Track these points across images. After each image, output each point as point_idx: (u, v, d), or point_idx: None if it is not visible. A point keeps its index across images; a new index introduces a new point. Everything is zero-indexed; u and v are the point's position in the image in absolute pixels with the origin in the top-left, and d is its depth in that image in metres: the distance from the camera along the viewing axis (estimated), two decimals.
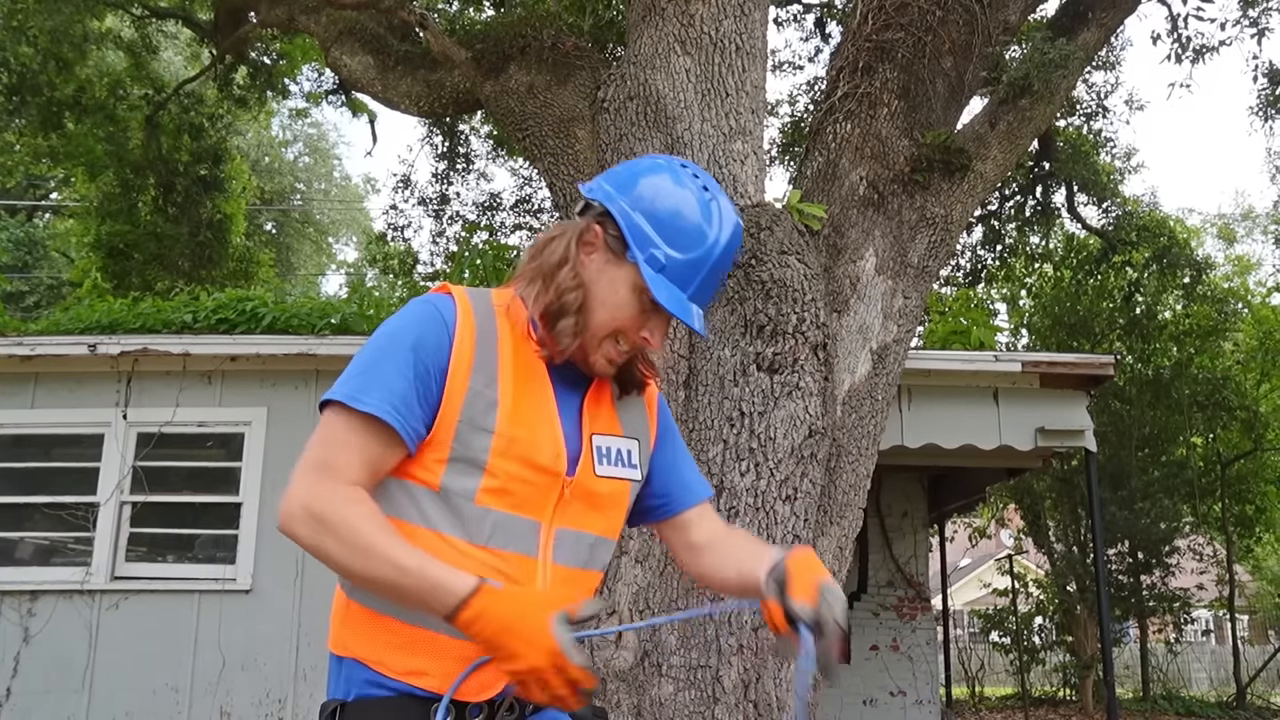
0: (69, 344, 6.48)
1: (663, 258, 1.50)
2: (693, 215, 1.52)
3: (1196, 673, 17.75)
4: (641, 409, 1.71)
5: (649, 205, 1.52)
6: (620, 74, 5.20)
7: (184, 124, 12.16)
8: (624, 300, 1.53)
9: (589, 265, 1.54)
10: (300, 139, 28.19)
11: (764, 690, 3.99)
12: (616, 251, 1.52)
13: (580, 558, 1.57)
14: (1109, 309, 14.61)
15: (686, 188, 1.54)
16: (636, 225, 1.51)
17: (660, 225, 1.51)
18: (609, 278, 1.53)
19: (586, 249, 1.54)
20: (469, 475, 1.46)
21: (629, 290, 1.52)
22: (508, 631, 1.30)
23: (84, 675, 6.14)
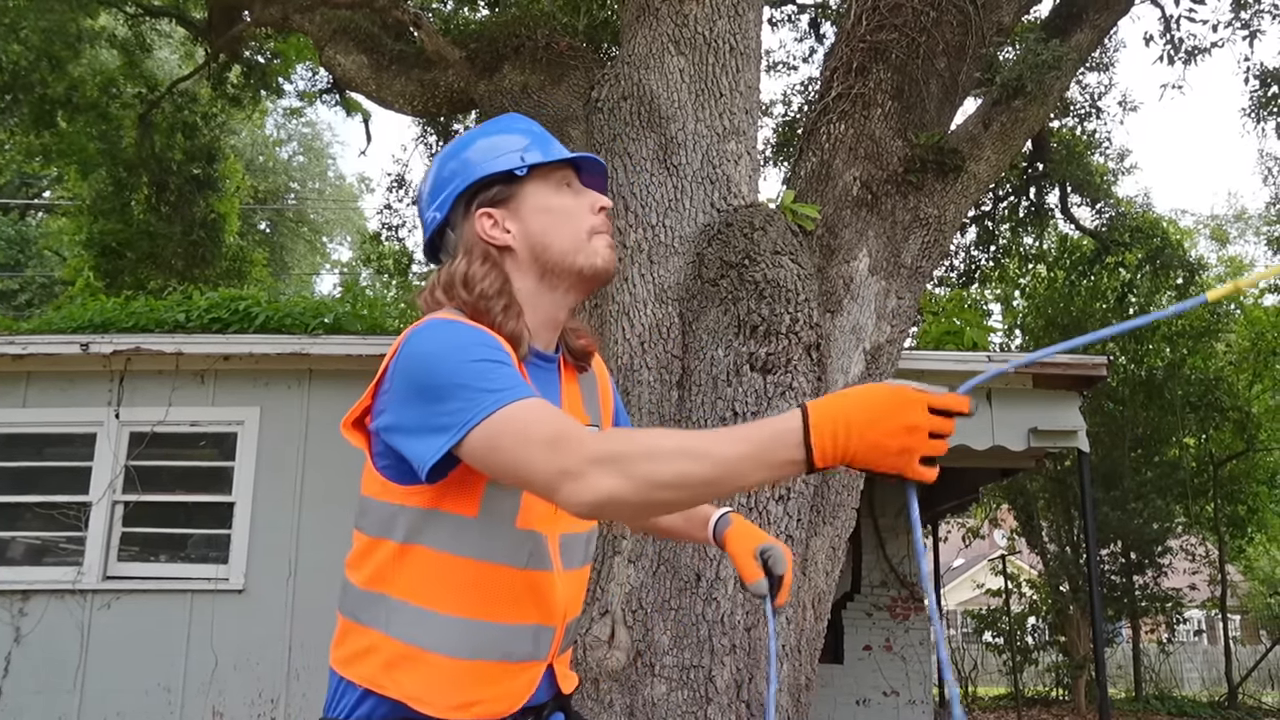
0: (61, 343, 6.47)
1: (519, 157, 1.56)
2: (494, 128, 1.63)
3: (1189, 673, 17.79)
4: (595, 392, 1.72)
5: (478, 152, 1.59)
6: (614, 74, 5.20)
7: (177, 123, 12.12)
8: (555, 202, 1.57)
9: (514, 229, 1.56)
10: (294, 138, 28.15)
11: (756, 690, 4.00)
12: (508, 196, 1.56)
13: (581, 556, 1.59)
14: (1102, 310, 14.64)
15: (475, 130, 1.65)
16: (489, 164, 1.56)
17: (495, 149, 1.58)
18: (530, 210, 1.56)
19: (491, 226, 1.56)
20: (508, 499, 1.44)
21: (548, 195, 1.58)
22: (867, 407, 1.17)
23: (76, 675, 6.13)
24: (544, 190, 1.57)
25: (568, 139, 5.66)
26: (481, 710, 1.43)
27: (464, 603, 1.43)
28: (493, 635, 1.44)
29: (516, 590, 1.44)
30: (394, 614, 1.43)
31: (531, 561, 1.46)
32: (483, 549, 1.43)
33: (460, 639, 1.42)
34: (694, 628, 4.00)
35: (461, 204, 1.57)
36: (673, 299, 4.62)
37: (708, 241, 4.65)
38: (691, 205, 4.79)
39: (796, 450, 1.18)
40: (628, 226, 4.78)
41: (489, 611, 1.44)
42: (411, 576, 1.43)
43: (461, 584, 1.43)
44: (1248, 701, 14.91)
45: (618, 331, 4.61)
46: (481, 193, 1.56)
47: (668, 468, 1.21)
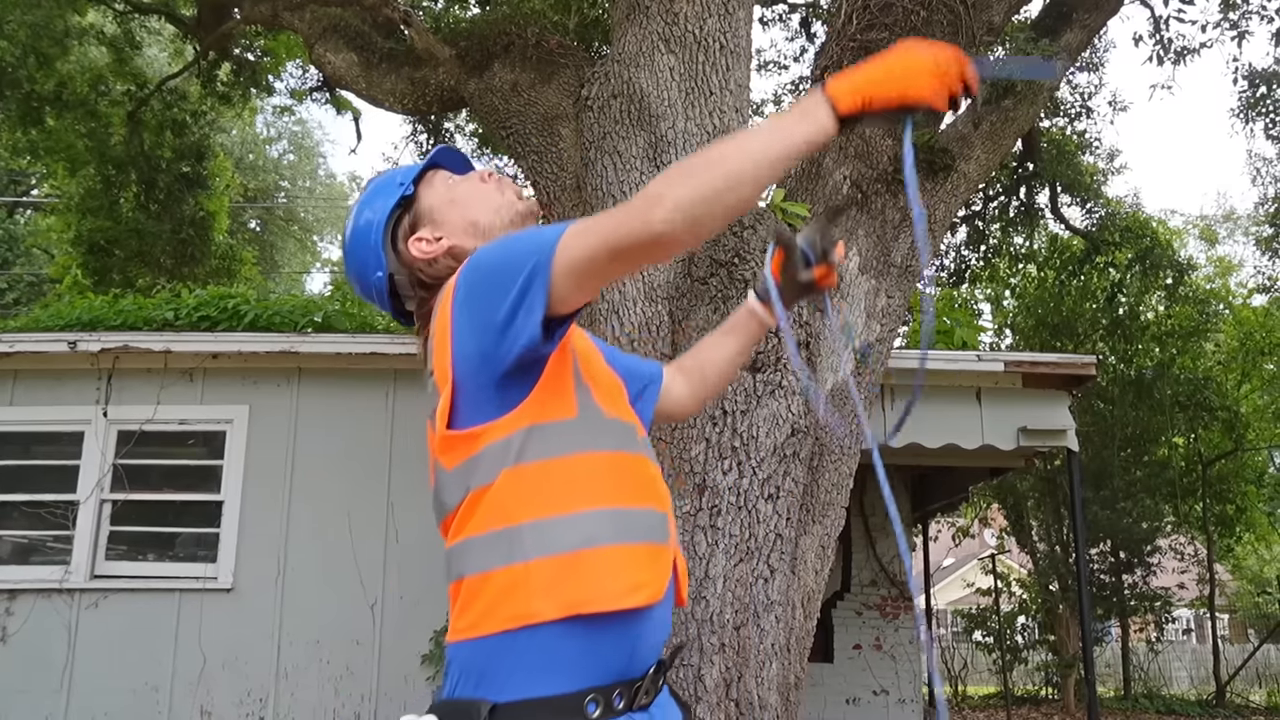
0: (49, 341, 6.44)
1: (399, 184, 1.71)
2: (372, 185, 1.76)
3: (1177, 671, 17.87)
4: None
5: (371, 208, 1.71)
6: (604, 72, 5.19)
7: (167, 120, 12.07)
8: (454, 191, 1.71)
9: (443, 231, 1.67)
10: (284, 136, 28.07)
11: (745, 689, 3.99)
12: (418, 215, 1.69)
13: (650, 449, 1.61)
14: (1092, 310, 14.70)
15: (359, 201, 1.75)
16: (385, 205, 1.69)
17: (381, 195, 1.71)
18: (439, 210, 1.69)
19: (424, 242, 1.66)
20: (588, 393, 1.50)
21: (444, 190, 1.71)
22: (891, 53, 1.35)
23: (63, 675, 6.10)
24: (439, 190, 1.70)
25: (558, 138, 5.65)
26: (648, 592, 1.41)
27: (596, 493, 1.43)
28: (633, 518, 1.45)
29: (634, 472, 1.49)
30: (530, 537, 1.38)
31: (632, 447, 1.52)
32: (593, 441, 1.46)
33: (608, 527, 1.41)
34: (683, 627, 3.99)
35: (388, 251, 1.68)
36: (662, 297, 4.62)
37: None
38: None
39: (821, 105, 1.33)
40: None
41: (620, 496, 1.45)
42: (536, 493, 1.40)
43: (587, 477, 1.44)
44: (1235, 700, 14.98)
45: (607, 329, 4.60)
46: (397, 230, 1.68)
47: (723, 155, 1.30)
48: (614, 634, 1.39)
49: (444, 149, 1.78)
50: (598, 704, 1.36)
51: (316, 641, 6.16)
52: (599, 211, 1.37)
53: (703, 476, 4.18)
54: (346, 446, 6.47)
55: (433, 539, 5.77)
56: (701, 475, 4.18)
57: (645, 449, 1.56)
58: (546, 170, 5.60)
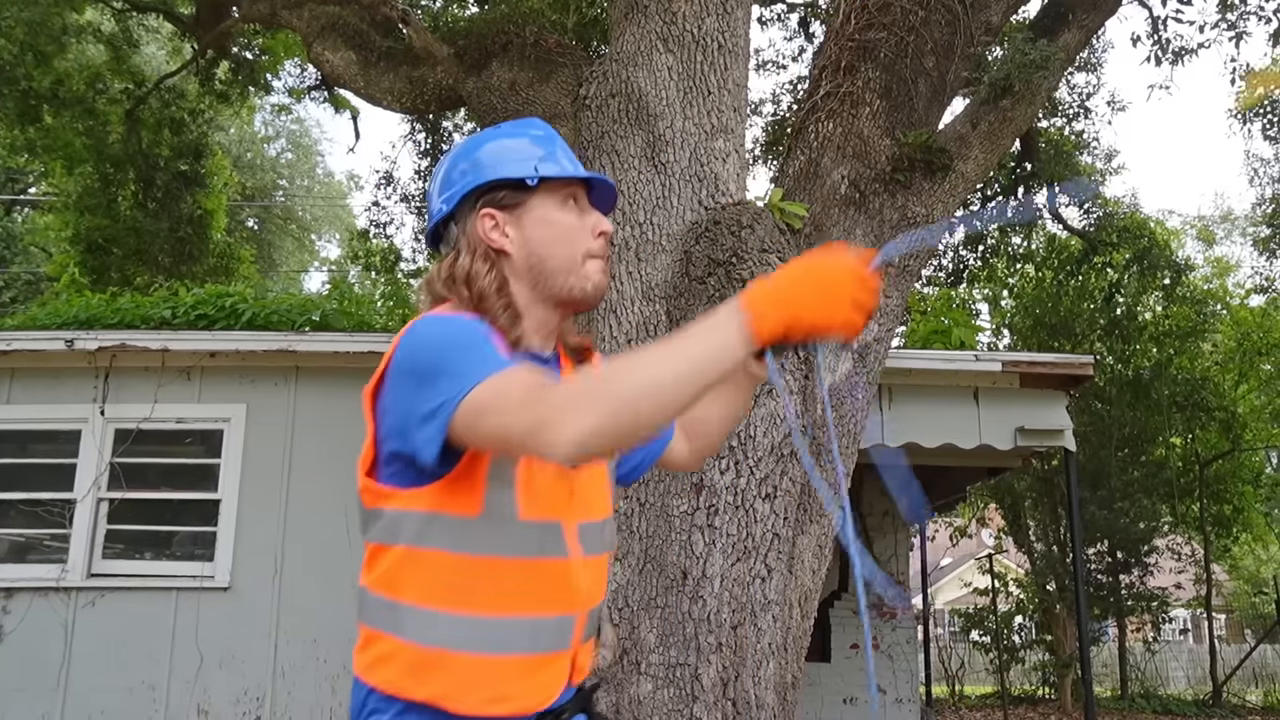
0: (46, 339, 6.43)
1: (534, 166, 1.57)
2: (514, 130, 1.64)
3: (1174, 671, 17.87)
4: None
5: (493, 153, 1.60)
6: (602, 71, 5.19)
7: (164, 119, 12.07)
8: (558, 218, 1.58)
9: (513, 235, 1.56)
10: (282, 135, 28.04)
11: (742, 688, 4.00)
12: (514, 202, 1.57)
13: (601, 543, 1.59)
14: (1089, 310, 14.70)
15: (493, 130, 1.66)
16: (502, 167, 1.57)
17: (509, 154, 1.59)
18: (532, 220, 1.57)
19: (492, 228, 1.56)
20: (506, 489, 1.44)
21: (553, 210, 1.58)
22: (805, 274, 1.28)
23: (59, 673, 6.10)
24: (549, 203, 1.58)
25: None
26: (514, 705, 1.42)
27: (480, 600, 1.42)
28: (514, 629, 1.43)
29: (531, 582, 1.44)
30: (410, 619, 1.42)
31: (545, 551, 1.46)
32: (491, 545, 1.42)
33: (482, 636, 1.41)
34: (680, 626, 3.99)
35: (469, 201, 1.58)
36: (660, 297, 4.62)
37: (695, 239, 4.65)
38: (679, 203, 4.78)
39: (739, 332, 1.24)
40: (615, 224, 4.78)
41: (507, 606, 1.43)
42: (423, 580, 1.42)
43: (475, 582, 1.42)
44: (1232, 700, 15.00)
45: (605, 329, 4.60)
46: (489, 193, 1.57)
47: (630, 382, 1.22)
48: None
49: (607, 183, 1.65)
50: None
51: (314, 640, 6.16)
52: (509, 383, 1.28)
53: (700, 476, 4.18)
54: (344, 445, 6.44)
55: None
56: (699, 475, 4.18)
57: (562, 549, 1.48)
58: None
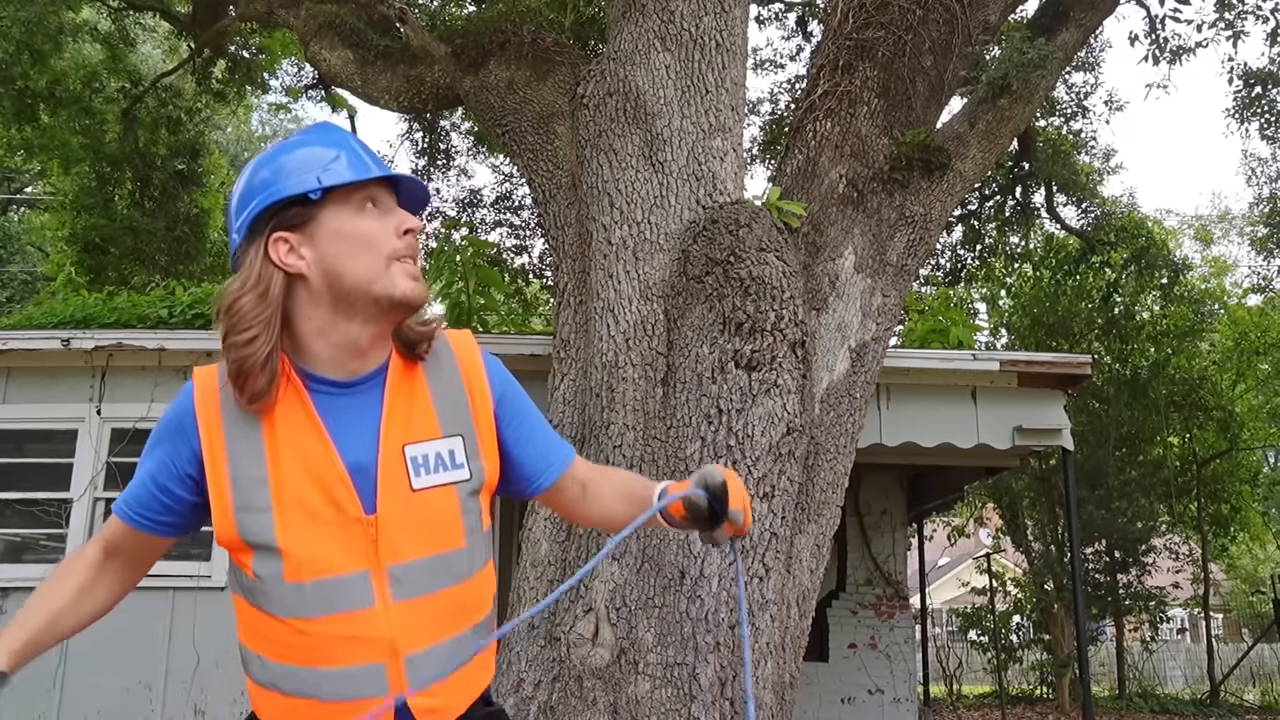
0: (42, 338, 6.41)
1: (316, 178, 1.44)
2: (299, 141, 1.51)
3: (1171, 670, 17.88)
4: (461, 394, 1.58)
5: (281, 167, 1.47)
6: (600, 70, 5.18)
7: (161, 117, 12.05)
8: (353, 226, 1.45)
9: (308, 255, 1.44)
10: (280, 134, 28.01)
11: (740, 688, 3.99)
12: (305, 219, 1.44)
13: (429, 583, 1.48)
14: (1087, 309, 14.71)
15: (286, 141, 1.54)
16: (284, 185, 1.44)
17: (296, 166, 1.46)
18: (325, 235, 1.44)
19: (287, 252, 1.44)
20: (270, 558, 1.42)
21: (347, 218, 1.45)
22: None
23: (55, 673, 6.08)
24: (343, 213, 1.45)
25: (553, 135, 5.64)
26: None
27: (272, 648, 1.46)
28: (306, 678, 1.44)
29: (312, 639, 1.42)
30: (243, 654, 1.51)
31: (329, 607, 1.42)
32: (270, 603, 1.44)
33: (280, 679, 1.46)
34: (678, 625, 3.99)
35: (260, 225, 1.45)
36: (658, 296, 4.61)
37: (693, 238, 4.64)
38: (677, 202, 4.77)
39: None
40: (613, 223, 4.77)
41: (296, 657, 1.44)
42: (241, 623, 1.51)
43: (266, 632, 1.46)
44: (1230, 699, 15.00)
45: (602, 328, 4.59)
46: (279, 214, 1.44)
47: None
48: None
49: (407, 178, 1.54)
50: None
51: None
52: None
53: None
54: None
55: None
56: None
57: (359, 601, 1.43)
58: (542, 168, 5.60)
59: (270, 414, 1.45)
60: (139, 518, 1.53)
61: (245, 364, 1.42)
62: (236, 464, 1.44)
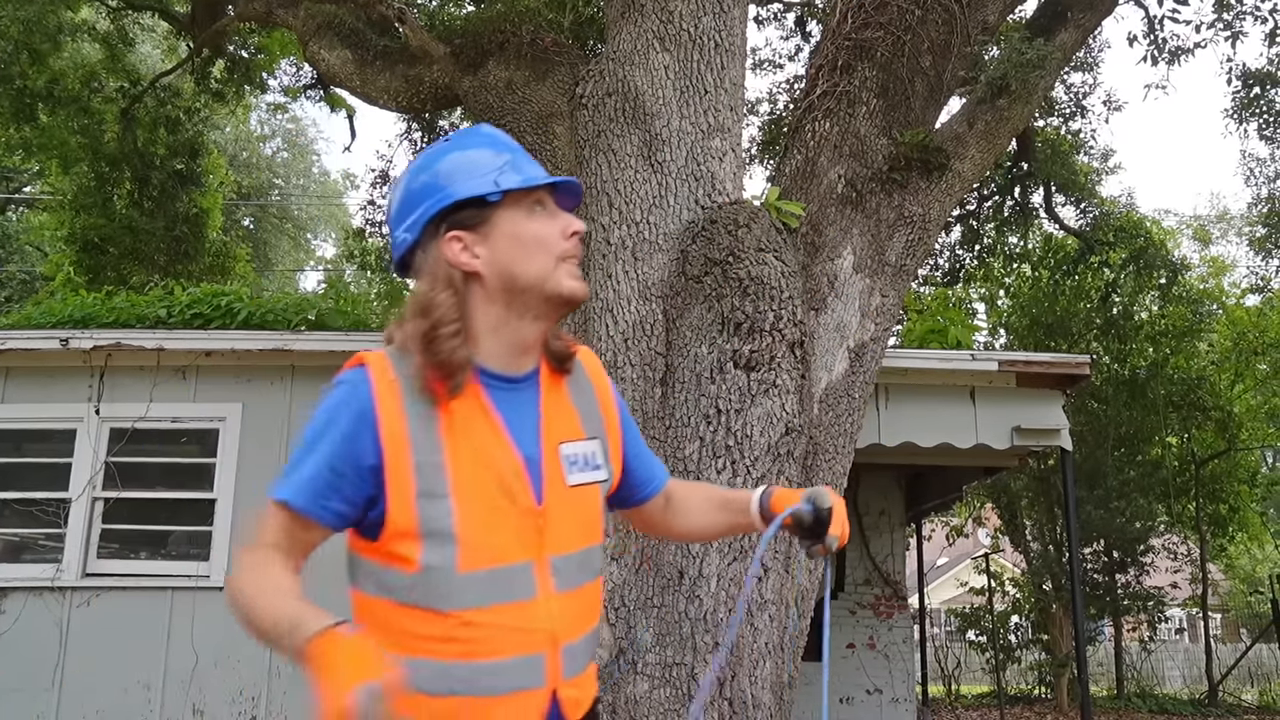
0: (41, 338, 6.41)
1: (494, 181, 1.52)
2: (467, 142, 1.60)
3: (1170, 670, 17.90)
4: (594, 403, 1.69)
5: (451, 169, 1.55)
6: (599, 70, 5.18)
7: (160, 117, 12.04)
8: (527, 229, 1.54)
9: (483, 255, 1.52)
10: (278, 134, 28.02)
11: (739, 688, 3.99)
12: (480, 220, 1.52)
13: (580, 576, 1.56)
14: (1086, 309, 14.72)
15: (446, 144, 1.62)
16: (461, 187, 1.52)
17: (468, 169, 1.54)
18: (500, 236, 1.52)
19: (460, 250, 1.52)
20: (444, 547, 1.43)
21: (521, 220, 1.54)
22: (324, 675, 1.22)
23: (54, 673, 6.08)
24: (516, 215, 1.54)
25: (552, 135, 5.64)
26: None
27: (427, 647, 1.43)
28: (462, 674, 1.43)
29: (478, 631, 1.43)
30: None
31: (497, 597, 1.45)
32: (436, 596, 1.43)
33: (433, 679, 1.41)
34: (677, 625, 3.99)
35: (432, 225, 1.53)
36: (656, 296, 4.61)
37: (692, 238, 4.64)
38: (676, 202, 4.77)
39: (299, 643, 1.27)
40: (611, 223, 4.77)
41: (454, 653, 1.43)
42: (377, 624, 1.45)
43: (422, 630, 1.43)
44: (1228, 699, 15.01)
45: (601, 328, 4.59)
46: (452, 214, 1.52)
47: (239, 603, 1.40)
48: None
49: (571, 182, 1.63)
50: None
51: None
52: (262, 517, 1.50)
53: (696, 475, 4.17)
54: None
55: None
56: (695, 474, 4.17)
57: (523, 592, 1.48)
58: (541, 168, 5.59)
59: (446, 404, 1.48)
60: (317, 507, 1.45)
61: (453, 358, 1.46)
62: (418, 450, 1.45)
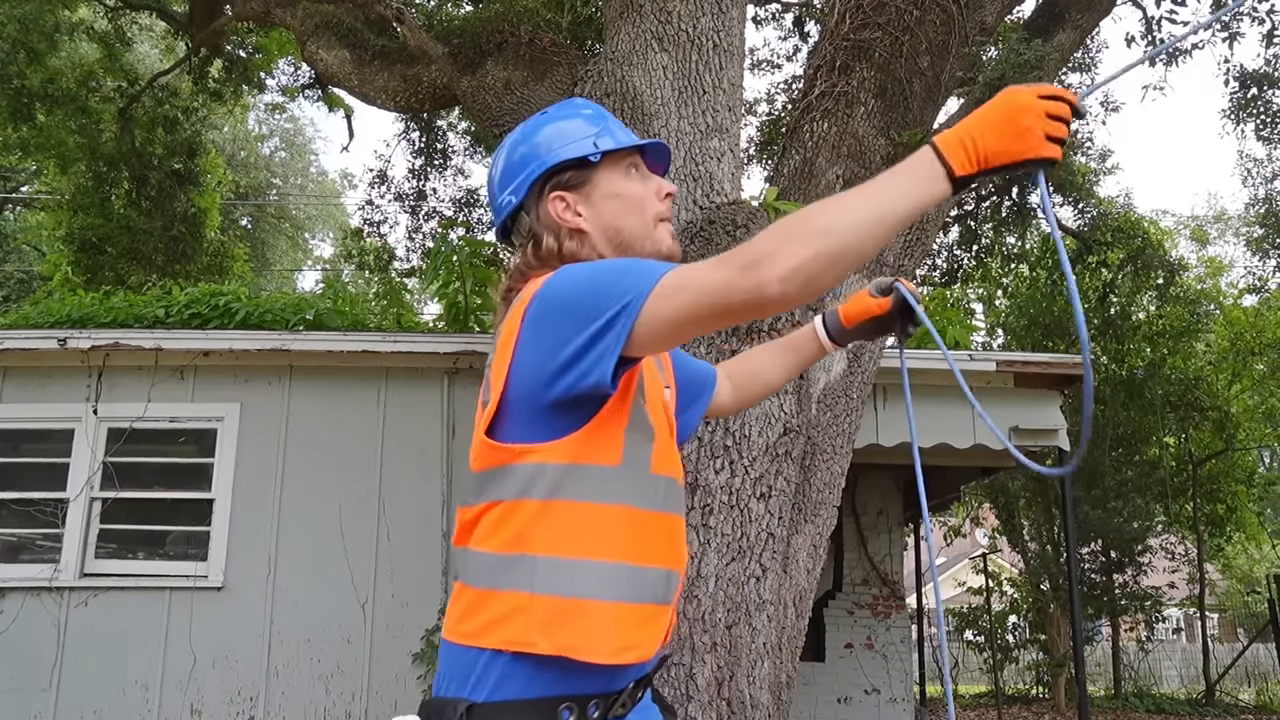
0: (39, 338, 6.40)
1: (593, 144, 1.62)
2: (563, 112, 1.69)
3: (1167, 670, 17.92)
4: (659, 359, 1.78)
5: (550, 137, 1.64)
6: (597, 70, 5.19)
7: (158, 117, 12.04)
8: (626, 188, 1.63)
9: (585, 213, 1.61)
10: (276, 133, 28.00)
11: (737, 688, 3.99)
12: (581, 181, 1.61)
13: (683, 502, 1.63)
14: (1084, 309, 14.72)
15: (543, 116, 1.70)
16: (563, 149, 1.61)
17: (566, 135, 1.63)
18: (601, 195, 1.61)
19: (564, 209, 1.60)
20: (643, 443, 1.48)
21: (619, 181, 1.63)
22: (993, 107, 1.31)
23: (52, 673, 6.07)
24: (614, 176, 1.62)
25: None
26: (637, 653, 1.43)
27: (617, 548, 1.43)
28: (644, 578, 1.45)
29: (658, 533, 1.48)
30: (543, 571, 1.40)
31: (667, 505, 1.51)
32: (629, 494, 1.45)
33: (618, 584, 1.42)
34: (674, 625, 3.99)
35: (535, 188, 1.62)
36: None
37: (690, 239, 4.65)
38: (674, 202, 4.77)
39: (934, 165, 1.29)
40: None
41: (639, 555, 1.45)
42: (558, 531, 1.41)
43: (612, 530, 1.43)
44: (1225, 699, 15.03)
45: None
46: (554, 177, 1.61)
47: (830, 219, 1.26)
48: (598, 671, 1.42)
49: (661, 145, 1.70)
50: (571, 711, 1.40)
51: (307, 640, 6.14)
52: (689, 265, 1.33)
53: (694, 475, 4.17)
54: (338, 445, 6.45)
55: (424, 539, 5.75)
56: (693, 474, 4.18)
57: (677, 505, 1.56)
58: None
59: None
60: None
61: None
62: None
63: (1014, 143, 1.28)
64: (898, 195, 1.28)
